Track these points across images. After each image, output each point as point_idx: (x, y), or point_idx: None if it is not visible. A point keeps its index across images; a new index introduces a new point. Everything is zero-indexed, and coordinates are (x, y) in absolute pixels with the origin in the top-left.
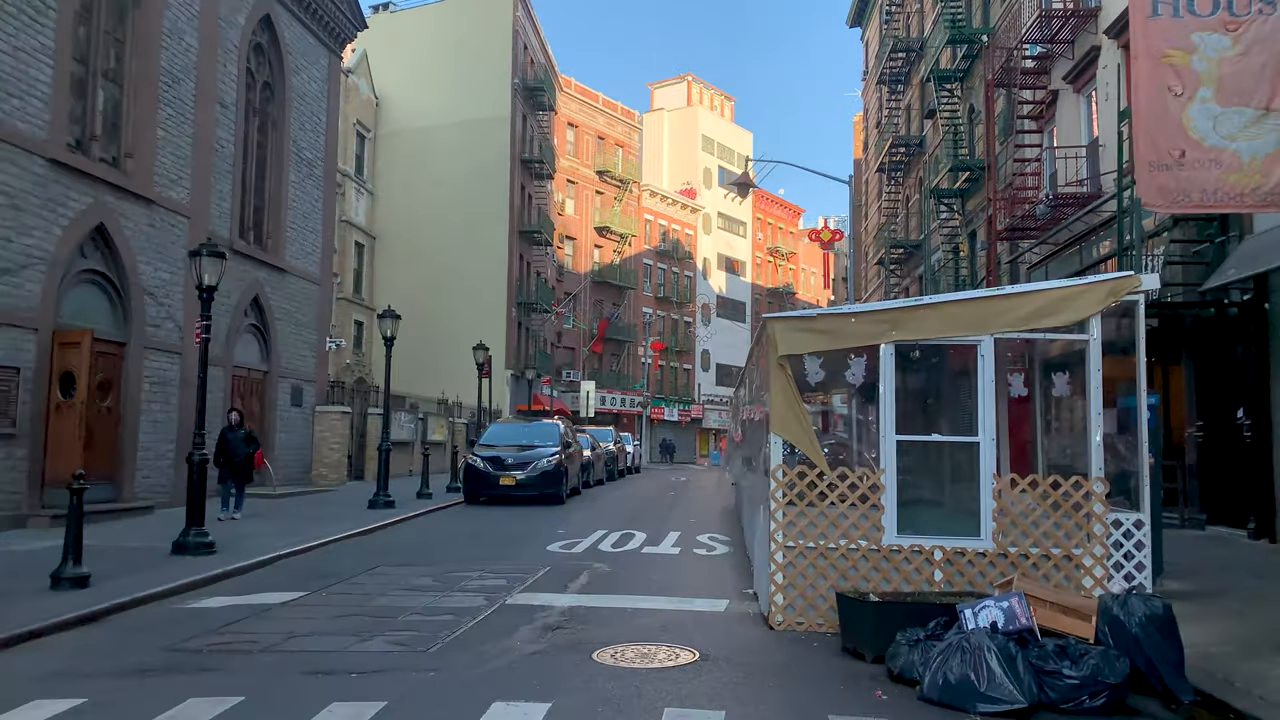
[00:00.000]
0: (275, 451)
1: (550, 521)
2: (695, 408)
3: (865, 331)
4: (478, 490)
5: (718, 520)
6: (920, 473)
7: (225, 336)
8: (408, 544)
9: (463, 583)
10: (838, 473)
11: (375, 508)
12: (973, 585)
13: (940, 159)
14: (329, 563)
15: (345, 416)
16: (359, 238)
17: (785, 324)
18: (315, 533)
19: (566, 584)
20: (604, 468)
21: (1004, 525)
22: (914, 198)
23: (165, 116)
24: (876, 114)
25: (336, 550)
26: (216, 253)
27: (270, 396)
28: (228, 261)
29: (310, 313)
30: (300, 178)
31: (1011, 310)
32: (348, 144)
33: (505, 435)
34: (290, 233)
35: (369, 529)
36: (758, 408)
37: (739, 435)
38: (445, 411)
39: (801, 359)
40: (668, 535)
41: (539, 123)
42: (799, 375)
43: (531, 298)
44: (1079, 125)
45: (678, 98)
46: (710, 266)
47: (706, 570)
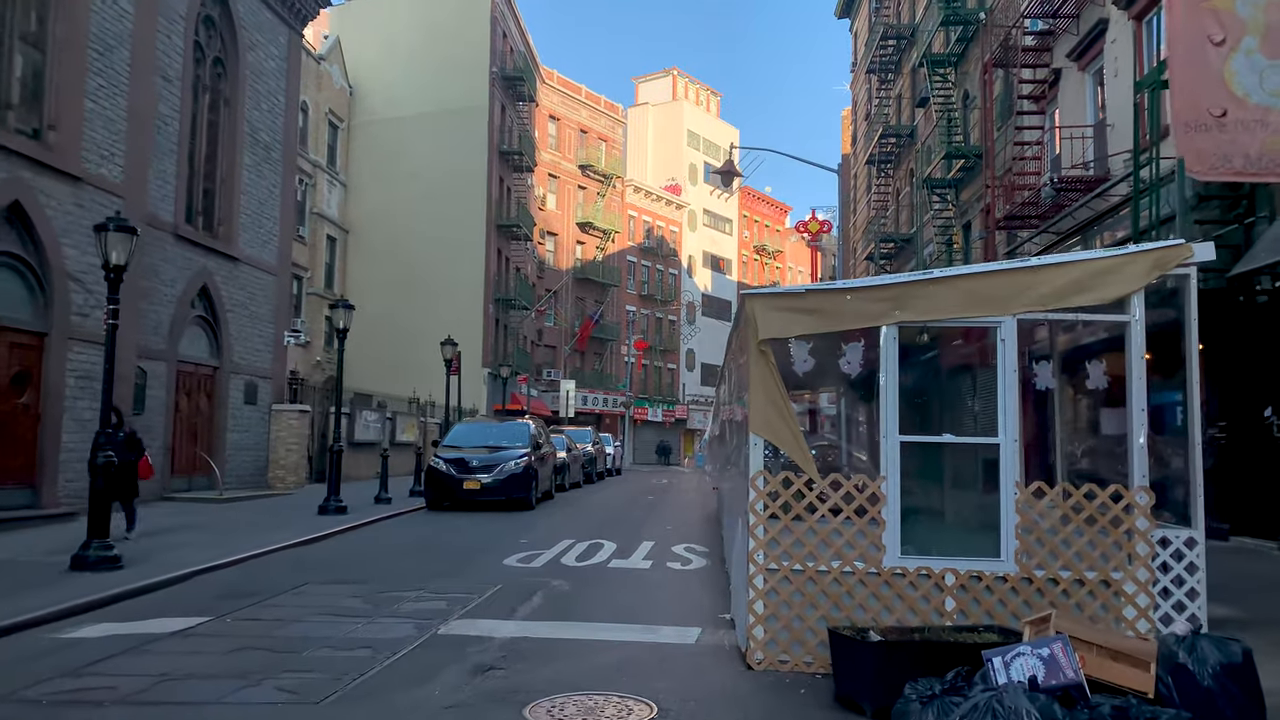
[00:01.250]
0: (226, 452)
1: (514, 530)
2: (680, 408)
3: (863, 311)
4: (440, 495)
5: (697, 528)
6: (926, 481)
7: (169, 328)
8: (349, 556)
9: (396, 605)
10: (829, 480)
11: (326, 514)
12: (991, 615)
13: (933, 148)
14: (252, 579)
15: (304, 416)
16: (331, 231)
17: (767, 301)
18: (249, 543)
19: (515, 607)
20: (580, 470)
21: (1029, 544)
22: (905, 190)
23: (95, 86)
24: (866, 106)
25: (266, 564)
26: (125, 227)
27: (221, 394)
28: (138, 238)
29: (267, 305)
30: (256, 161)
31: (1040, 285)
32: (319, 134)
33: (471, 436)
34: (244, 219)
35: (311, 539)
36: (737, 406)
37: (719, 436)
38: (417, 411)
39: (787, 345)
40: (640, 546)
41: (519, 114)
42: (784, 364)
43: (510, 294)
44: (1084, 105)
45: (662, 92)
46: (695, 264)
47: (679, 588)
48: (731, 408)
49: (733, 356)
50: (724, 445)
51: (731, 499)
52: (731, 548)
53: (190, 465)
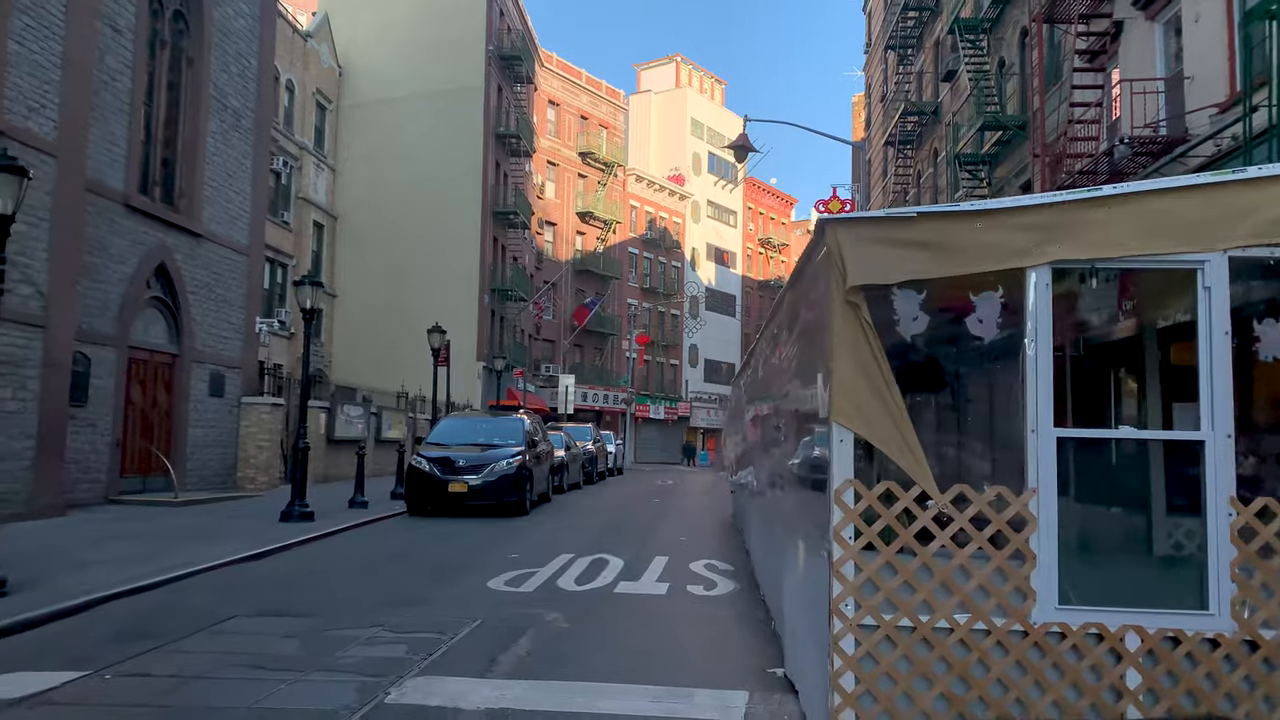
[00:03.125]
0: (186, 449)
1: (504, 540)
2: (682, 405)
3: (1000, 245)
4: (422, 498)
5: (715, 538)
6: (1082, 497)
7: (119, 310)
8: (301, 575)
9: (341, 651)
10: (952, 494)
11: (288, 520)
12: (1196, 697)
13: (960, 123)
14: (168, 610)
15: (277, 410)
16: (318, 217)
17: (859, 230)
18: (183, 558)
19: (496, 655)
20: (580, 470)
21: (1251, 590)
22: (927, 171)
23: (22, 26)
24: (881, 87)
25: (196, 587)
26: (11, 167)
27: (182, 384)
28: (29, 182)
29: (236, 288)
30: (224, 128)
31: (1268, 206)
32: (306, 115)
33: (459, 432)
34: (210, 192)
35: (260, 552)
36: (789, 384)
37: (747, 432)
38: (405, 406)
39: (888, 295)
40: (652, 562)
41: (516, 96)
42: (883, 324)
43: (507, 284)
44: (1152, 59)
45: (666, 79)
46: (699, 257)
47: (707, 624)
48: (772, 393)
49: (780, 325)
50: (756, 446)
51: (774, 512)
52: (781, 577)
53: (145, 463)
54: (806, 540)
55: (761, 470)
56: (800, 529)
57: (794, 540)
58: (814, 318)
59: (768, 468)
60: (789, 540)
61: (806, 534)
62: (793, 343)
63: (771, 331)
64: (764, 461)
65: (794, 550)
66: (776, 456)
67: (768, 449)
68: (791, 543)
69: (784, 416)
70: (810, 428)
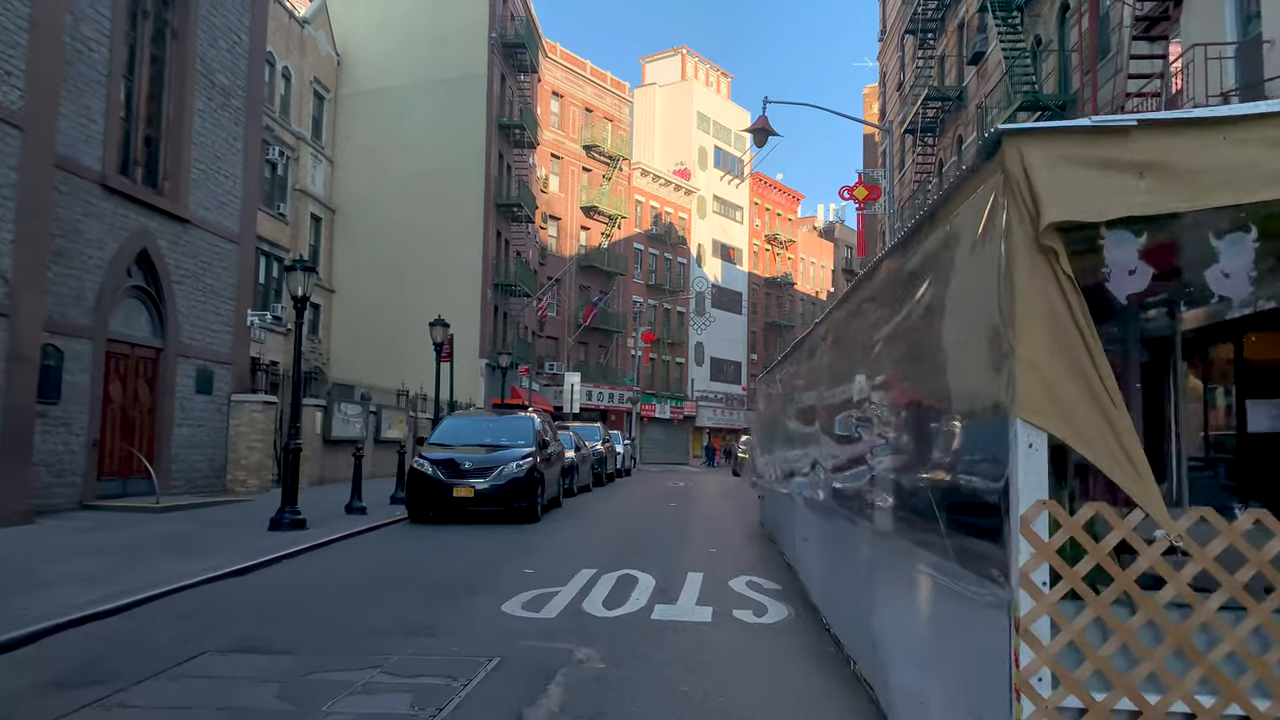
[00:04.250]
0: (171, 450)
1: (516, 551)
2: (688, 404)
3: (1258, 166)
4: (424, 504)
5: (748, 549)
6: None
7: (96, 299)
8: (285, 598)
9: (330, 702)
10: (1188, 521)
11: (278, 529)
12: None
13: (990, 108)
14: (130, 642)
15: (270, 408)
16: (315, 209)
17: (1061, 147)
18: (155, 575)
19: (521, 711)
20: (589, 472)
21: None
22: (950, 160)
23: None
24: (898, 75)
25: (165, 611)
26: None
27: (166, 380)
28: None
29: (226, 278)
30: (212, 107)
31: None
32: (303, 104)
33: (464, 432)
34: (197, 174)
35: (243, 568)
36: (892, 371)
37: (789, 433)
38: (405, 404)
39: (1097, 238)
40: (686, 579)
41: (520, 85)
42: (1086, 278)
43: (510, 279)
44: (1221, 25)
45: (671, 72)
46: (705, 253)
47: (768, 662)
48: (856, 387)
49: (872, 301)
50: (795, 446)
51: (855, 533)
52: (869, 612)
53: (125, 465)
54: (935, 574)
55: (822, 476)
56: (921, 558)
57: (903, 571)
58: (960, 281)
59: (838, 474)
60: (892, 570)
61: (938, 566)
62: (904, 319)
63: (847, 312)
64: (828, 466)
65: (903, 584)
66: (858, 460)
67: (837, 452)
68: (898, 574)
69: (880, 412)
70: (941, 424)
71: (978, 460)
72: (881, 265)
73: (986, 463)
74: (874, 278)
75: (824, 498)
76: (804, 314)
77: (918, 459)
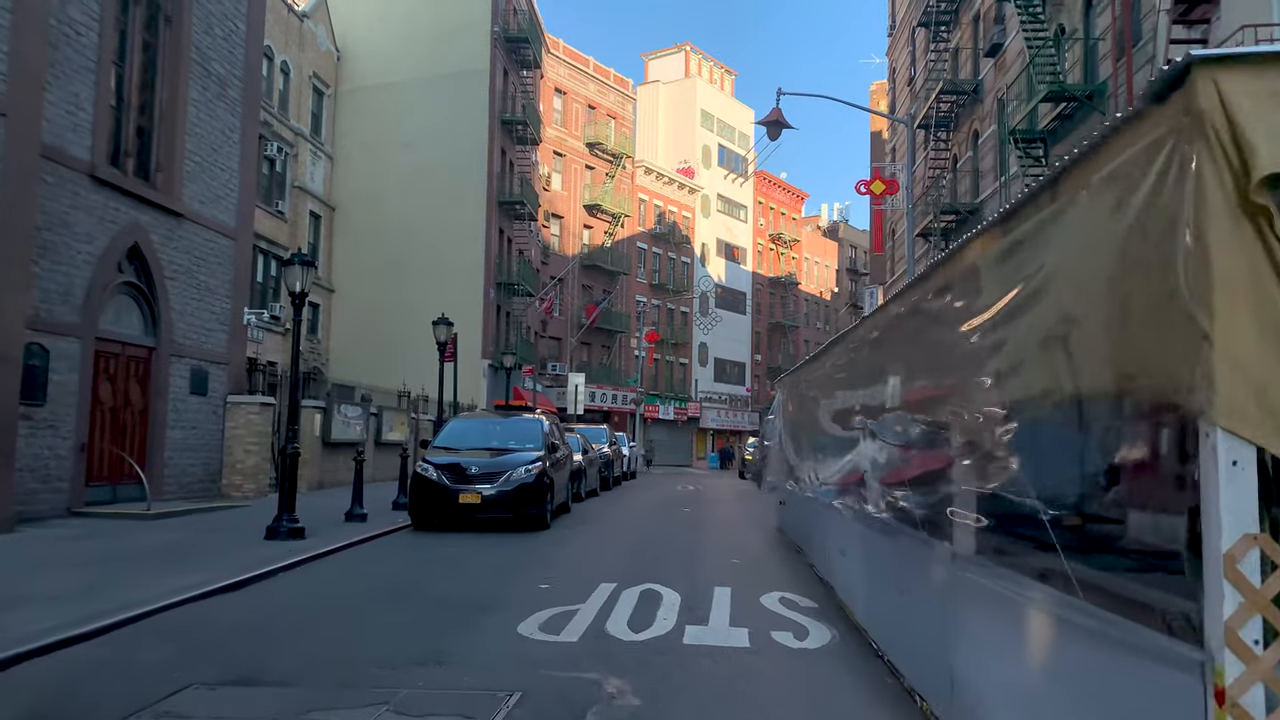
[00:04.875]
0: (164, 454)
1: (528, 563)
2: (692, 405)
3: None
4: (429, 511)
5: (773, 559)
6: None
7: (85, 296)
8: (281, 618)
9: None
10: None
11: (275, 538)
12: None
13: (1009, 101)
14: (106, 672)
15: (267, 410)
16: (315, 207)
17: (1273, 75)
18: (139, 592)
19: None
20: (597, 475)
21: None
22: (965, 155)
23: None
24: (908, 70)
25: (149, 634)
26: None
27: (159, 381)
28: None
29: (222, 274)
30: (207, 97)
31: None
32: (302, 100)
33: (469, 435)
34: (191, 167)
35: (236, 582)
36: (995, 366)
37: (823, 439)
38: (407, 406)
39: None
40: (714, 595)
41: (522, 81)
42: None
43: (513, 278)
44: (1267, 4)
45: (675, 69)
46: (709, 252)
47: (822, 695)
48: (929, 387)
49: (953, 290)
50: (831, 454)
51: (923, 553)
52: (951, 647)
53: (116, 470)
54: (1062, 613)
55: (875, 486)
56: (1035, 591)
57: (1005, 604)
58: (1108, 257)
59: (901, 485)
60: (985, 600)
61: (1063, 604)
62: (1016, 305)
63: (918, 302)
64: (884, 475)
65: (1004, 619)
66: (932, 470)
67: (899, 459)
68: (995, 606)
69: (970, 416)
70: (1068, 432)
71: (1132, 475)
72: (972, 246)
73: (1146, 479)
74: (959, 261)
75: (877, 510)
76: (808, 314)
77: (1028, 471)
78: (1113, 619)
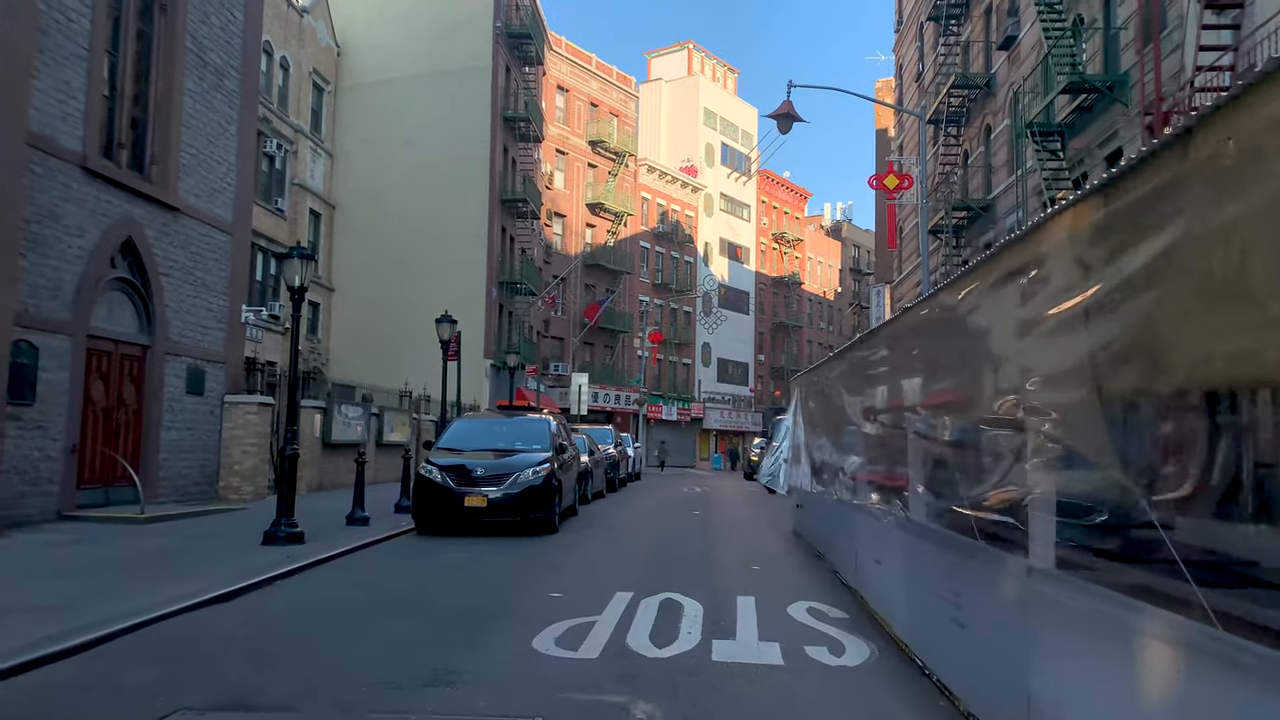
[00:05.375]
0: (159, 455)
1: (537, 569)
2: (695, 406)
3: None
4: (433, 514)
5: (793, 564)
6: None
7: (76, 291)
8: (279, 631)
9: None
10: None
11: (273, 543)
12: None
13: (1024, 94)
14: (87, 694)
15: (266, 410)
16: (314, 205)
17: None
18: (128, 603)
19: None
20: (603, 477)
21: None
22: (977, 150)
23: None
24: (916, 65)
25: (137, 649)
26: None
27: (154, 380)
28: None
29: (219, 271)
30: (203, 88)
31: None
32: (302, 96)
33: (474, 436)
34: (188, 159)
35: (234, 591)
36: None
37: (856, 440)
38: (409, 406)
39: None
40: (737, 606)
41: (525, 77)
42: None
43: (515, 277)
44: None
45: (677, 67)
46: (712, 252)
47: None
48: (1017, 381)
49: (1050, 276)
50: (854, 451)
51: (1007, 568)
52: (1026, 666)
53: (109, 472)
54: (1194, 641)
55: (920, 491)
56: (1151, 617)
57: (1111, 628)
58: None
59: (954, 490)
60: (1081, 622)
61: (1194, 634)
62: (1143, 276)
63: (989, 287)
64: (930, 479)
65: (1110, 645)
66: (997, 475)
67: (953, 462)
68: (1095, 629)
69: (1050, 415)
70: (1199, 430)
71: None
72: (1061, 219)
73: None
74: (1041, 237)
75: (927, 517)
76: (811, 314)
77: (1135, 476)
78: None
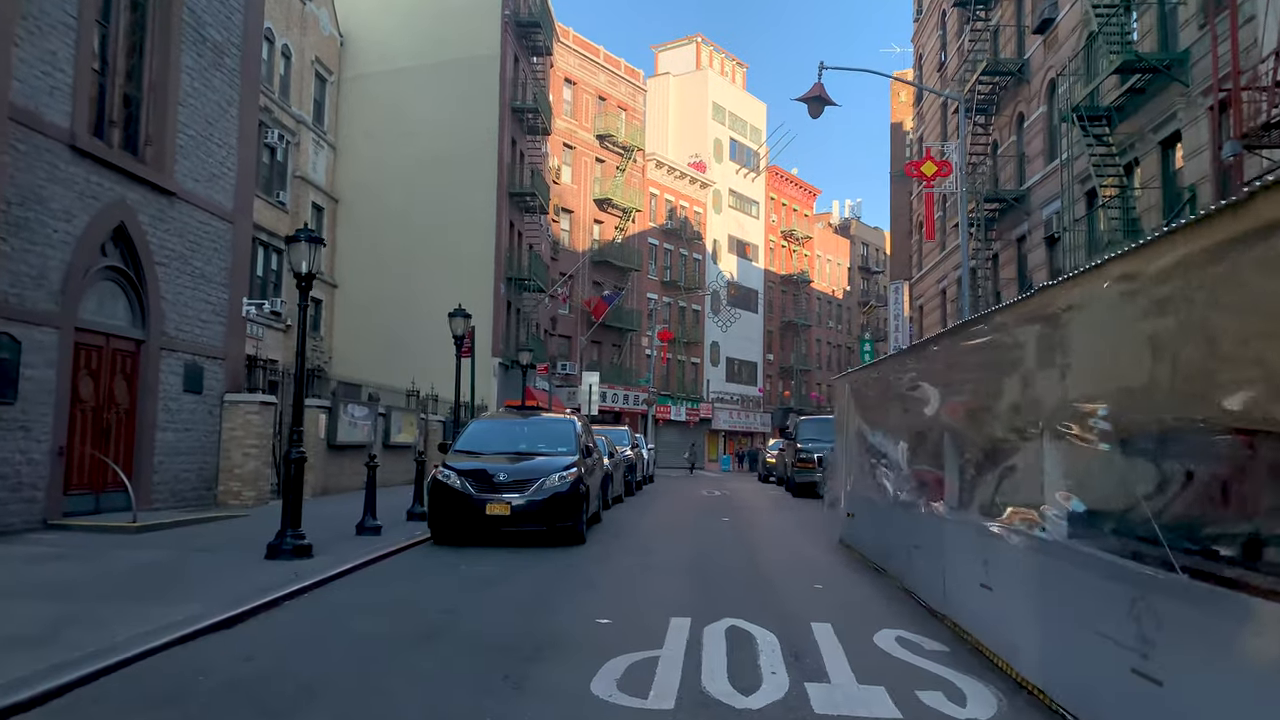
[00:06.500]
0: (154, 458)
1: (572, 586)
2: (704, 406)
3: None
4: (451, 523)
5: (849, 577)
6: None
7: (63, 281)
8: (286, 670)
9: None
10: None
11: (277, 557)
12: None
13: (1063, 80)
14: None
15: (268, 409)
16: (317, 198)
17: None
18: (117, 631)
19: None
20: (622, 480)
21: None
22: (1009, 139)
23: None
24: (938, 55)
25: (120, 691)
26: None
27: (148, 377)
28: None
29: (218, 261)
30: (201, 65)
31: None
32: (304, 86)
33: (494, 438)
34: (185, 141)
35: (235, 616)
36: None
37: (946, 444)
38: (417, 406)
39: None
40: (815, 634)
41: (533, 68)
42: None
43: (523, 273)
44: None
45: (685, 61)
46: (720, 249)
47: None
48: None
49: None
50: (936, 460)
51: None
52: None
53: (99, 476)
54: None
55: (1054, 502)
56: None
57: None
58: None
59: (1139, 510)
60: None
61: None
62: None
63: (1152, 276)
64: (1096, 497)
65: None
66: (1196, 488)
67: (1130, 476)
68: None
69: None
70: None
71: None
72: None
73: None
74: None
75: (1085, 537)
76: (820, 313)
77: None
78: None
